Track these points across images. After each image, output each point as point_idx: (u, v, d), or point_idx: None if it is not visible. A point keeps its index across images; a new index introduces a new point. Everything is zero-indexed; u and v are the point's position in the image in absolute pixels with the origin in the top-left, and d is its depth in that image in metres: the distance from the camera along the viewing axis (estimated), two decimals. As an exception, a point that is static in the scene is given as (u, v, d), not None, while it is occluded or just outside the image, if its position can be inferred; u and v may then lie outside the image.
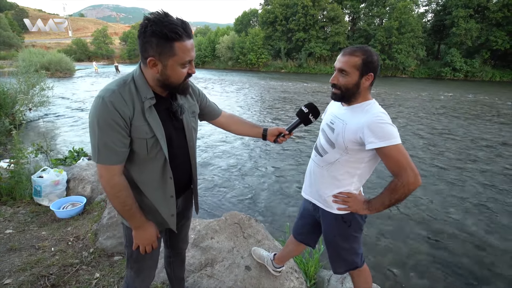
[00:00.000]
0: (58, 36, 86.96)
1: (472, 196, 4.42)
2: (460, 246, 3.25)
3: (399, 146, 1.08)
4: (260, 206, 4.08)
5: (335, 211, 1.33)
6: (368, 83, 1.20)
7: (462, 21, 28.34)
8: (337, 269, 1.46)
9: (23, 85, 7.87)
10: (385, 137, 1.08)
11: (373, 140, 1.10)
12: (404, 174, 1.08)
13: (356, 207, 1.28)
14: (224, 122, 1.40)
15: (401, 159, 1.08)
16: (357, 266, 1.42)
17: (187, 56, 0.92)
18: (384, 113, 1.15)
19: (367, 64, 1.16)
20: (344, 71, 1.18)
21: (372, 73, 1.18)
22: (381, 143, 1.08)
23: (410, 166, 1.07)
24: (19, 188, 3.06)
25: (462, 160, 6.00)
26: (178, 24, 0.87)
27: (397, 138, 1.08)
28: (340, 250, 1.40)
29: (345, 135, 1.21)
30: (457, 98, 15.13)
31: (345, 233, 1.35)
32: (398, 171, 1.09)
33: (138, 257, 1.18)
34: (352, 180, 1.29)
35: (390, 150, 1.08)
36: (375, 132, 1.09)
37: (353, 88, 1.20)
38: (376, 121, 1.11)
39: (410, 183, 1.07)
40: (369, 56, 1.16)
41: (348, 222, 1.33)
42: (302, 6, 34.58)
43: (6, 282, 1.84)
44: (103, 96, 0.91)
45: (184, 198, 1.27)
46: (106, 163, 0.95)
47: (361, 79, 1.18)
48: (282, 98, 14.13)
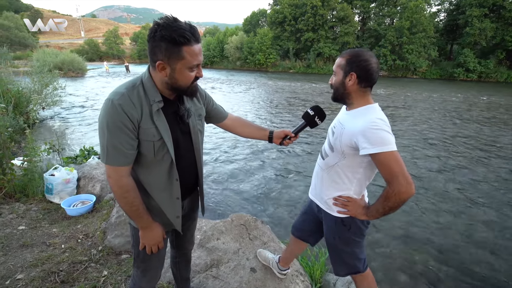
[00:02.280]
0: (71, 36, 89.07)
1: (484, 202, 4.30)
2: (471, 252, 3.16)
3: (393, 153, 1.06)
4: (266, 208, 4.07)
5: (335, 213, 1.34)
6: (351, 83, 1.18)
7: (476, 21, 27.67)
8: (338, 271, 1.46)
9: (37, 84, 8.09)
10: (378, 143, 1.06)
11: (366, 146, 1.09)
12: (395, 182, 1.05)
13: (355, 211, 1.27)
14: (230, 125, 1.41)
15: (393, 167, 1.05)
16: (359, 271, 1.41)
17: (194, 60, 0.94)
18: (380, 119, 1.12)
19: (350, 64, 1.17)
20: (334, 71, 1.24)
21: (354, 73, 1.17)
22: (373, 149, 1.07)
23: (403, 174, 1.05)
24: (32, 185, 3.15)
25: (474, 164, 5.85)
26: (186, 29, 0.89)
27: (391, 145, 1.06)
28: (341, 252, 1.40)
29: (342, 139, 1.21)
30: (470, 100, 14.76)
31: (345, 236, 1.35)
32: (390, 179, 1.07)
33: (144, 257, 1.20)
34: (352, 184, 1.28)
35: (383, 157, 1.06)
36: (368, 137, 1.08)
37: (340, 88, 1.23)
38: (369, 127, 1.09)
39: (401, 192, 1.05)
40: (354, 56, 1.17)
41: (347, 225, 1.33)
42: (311, 6, 34.42)
43: (18, 277, 1.89)
44: (113, 99, 0.93)
45: (190, 200, 1.29)
46: (114, 164, 0.97)
47: (344, 78, 1.19)
48: (289, 99, 14.08)
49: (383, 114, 1.17)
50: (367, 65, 1.15)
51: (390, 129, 1.11)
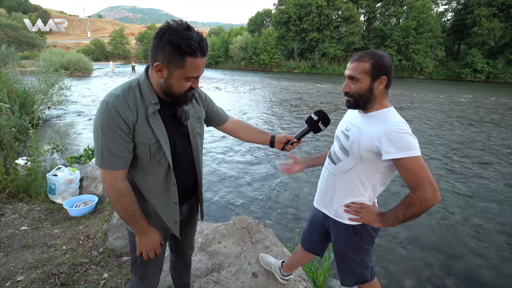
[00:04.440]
0: (77, 36, 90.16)
1: (493, 206, 4.20)
2: (479, 258, 3.08)
3: (419, 159, 1.02)
4: (269, 211, 4.03)
5: (346, 221, 1.28)
6: (382, 87, 1.14)
7: (485, 20, 27.24)
8: (346, 281, 1.41)
9: (43, 84, 8.17)
10: (404, 147, 1.02)
11: (391, 150, 1.04)
12: (422, 189, 1.01)
13: (368, 219, 1.22)
14: (231, 128, 1.38)
15: (419, 172, 1.01)
16: (367, 280, 1.37)
17: (194, 72, 0.91)
18: (404, 122, 1.09)
19: (378, 67, 1.11)
20: (354, 78, 1.15)
21: (385, 76, 1.12)
22: (399, 154, 1.02)
23: (429, 181, 1.00)
24: (35, 185, 3.16)
25: (482, 167, 5.73)
26: (195, 40, 0.85)
27: (417, 150, 1.02)
28: (350, 262, 1.35)
29: (361, 142, 1.16)
30: (478, 101, 14.51)
31: (356, 244, 1.30)
32: (415, 185, 1.03)
33: (142, 263, 1.17)
34: (366, 190, 1.23)
35: (409, 162, 1.02)
36: (394, 142, 1.04)
37: (367, 94, 1.15)
38: (395, 131, 1.05)
39: (427, 199, 1.00)
40: (378, 59, 1.11)
41: (359, 233, 1.28)
42: (316, 6, 34.27)
43: (18, 279, 1.88)
44: (107, 101, 0.91)
45: (189, 204, 1.25)
46: (109, 167, 0.94)
47: (373, 83, 1.13)
48: (294, 100, 14.01)
49: (402, 118, 1.14)
50: (390, 67, 1.13)
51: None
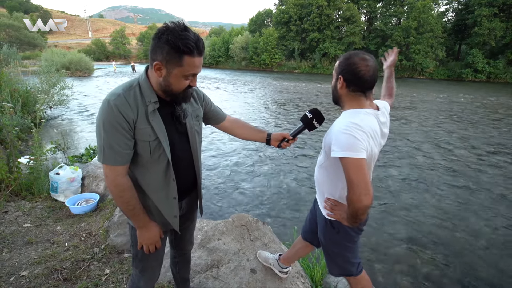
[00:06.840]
0: (79, 36, 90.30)
1: (492, 205, 4.23)
2: (478, 256, 3.11)
3: (355, 160, 1.00)
4: (268, 209, 4.07)
5: (325, 214, 1.34)
6: (340, 86, 1.17)
7: (486, 20, 27.20)
8: (331, 270, 1.46)
9: (45, 84, 8.22)
10: (343, 147, 1.03)
11: (334, 148, 1.07)
12: (350, 190, 1.02)
13: (339, 216, 1.25)
14: (228, 126, 1.42)
15: (350, 174, 1.01)
16: (352, 274, 1.40)
17: (192, 70, 0.96)
18: (355, 123, 1.07)
19: (339, 67, 1.16)
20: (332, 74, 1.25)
21: (341, 76, 1.15)
22: (339, 153, 1.04)
23: (358, 184, 0.99)
24: (38, 183, 3.20)
25: (481, 167, 5.75)
26: (192, 40, 0.90)
27: (356, 152, 1.01)
28: (332, 254, 1.40)
29: (326, 139, 1.22)
30: (478, 101, 14.52)
31: (335, 239, 1.34)
32: (348, 186, 1.03)
33: (142, 256, 1.21)
34: (336, 187, 1.26)
35: (345, 162, 1.03)
36: (337, 140, 1.06)
37: (333, 92, 1.24)
38: (341, 130, 1.06)
39: (353, 201, 1.01)
40: (344, 60, 1.15)
41: (336, 229, 1.31)
42: (317, 6, 34.27)
43: (22, 274, 1.92)
44: (109, 99, 0.96)
45: (188, 200, 1.29)
46: (110, 163, 0.99)
47: (336, 81, 1.19)
48: (294, 99, 14.04)
49: (367, 120, 1.11)
50: (355, 68, 1.10)
51: (365, 135, 1.05)
